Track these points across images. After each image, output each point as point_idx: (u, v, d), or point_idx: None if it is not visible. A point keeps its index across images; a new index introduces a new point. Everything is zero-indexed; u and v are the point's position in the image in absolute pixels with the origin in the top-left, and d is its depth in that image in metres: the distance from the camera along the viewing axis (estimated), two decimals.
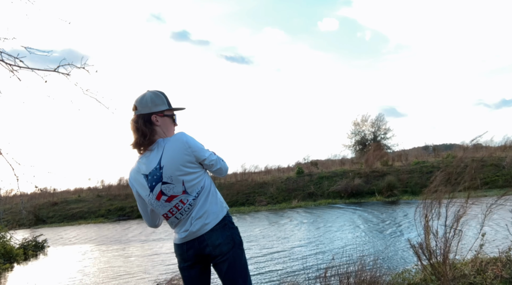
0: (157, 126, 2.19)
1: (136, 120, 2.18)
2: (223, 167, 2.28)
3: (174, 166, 2.10)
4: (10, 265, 10.32)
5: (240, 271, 2.17)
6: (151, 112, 2.19)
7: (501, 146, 21.70)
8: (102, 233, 15.46)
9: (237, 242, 2.20)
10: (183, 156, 2.09)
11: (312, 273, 6.10)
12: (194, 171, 2.15)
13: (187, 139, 2.13)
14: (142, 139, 2.15)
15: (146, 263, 9.00)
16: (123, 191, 23.40)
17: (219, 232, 2.14)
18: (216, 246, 2.14)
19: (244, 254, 2.25)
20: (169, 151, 2.11)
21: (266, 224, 13.26)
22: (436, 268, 3.87)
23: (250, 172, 23.88)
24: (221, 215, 2.19)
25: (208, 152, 2.20)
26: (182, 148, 2.10)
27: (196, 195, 2.16)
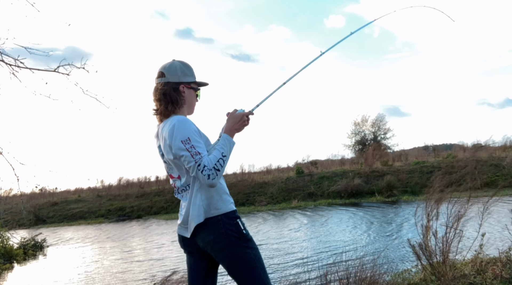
0: (183, 97, 2.09)
1: (163, 87, 2.05)
2: (199, 177, 1.88)
3: (166, 150, 2.00)
4: (10, 265, 10.32)
5: (244, 270, 1.96)
6: (179, 81, 2.08)
7: (501, 146, 21.70)
8: (102, 233, 15.46)
9: (233, 239, 1.95)
10: (167, 146, 1.97)
11: (312, 273, 6.10)
12: (181, 164, 1.98)
13: (172, 130, 1.93)
14: (171, 106, 2.03)
15: (145, 262, 9.00)
16: (123, 191, 23.39)
17: (209, 228, 1.97)
18: (207, 242, 1.99)
19: (250, 251, 1.98)
20: (162, 133, 2.02)
21: (266, 224, 13.26)
22: (436, 268, 3.88)
23: (250, 172, 23.89)
24: (205, 216, 1.98)
25: (185, 153, 1.87)
26: (165, 137, 1.97)
27: (187, 190, 2.04)
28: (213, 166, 1.87)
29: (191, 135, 1.91)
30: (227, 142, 2.00)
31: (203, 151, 1.91)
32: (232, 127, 2.07)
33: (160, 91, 2.05)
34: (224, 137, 2.02)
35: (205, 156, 1.89)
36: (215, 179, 1.87)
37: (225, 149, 1.97)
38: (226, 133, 2.04)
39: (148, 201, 20.96)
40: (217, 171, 1.88)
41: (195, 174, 1.88)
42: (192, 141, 1.89)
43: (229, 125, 2.08)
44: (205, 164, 1.86)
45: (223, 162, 1.92)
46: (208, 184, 1.88)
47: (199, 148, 1.89)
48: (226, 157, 1.95)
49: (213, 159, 1.89)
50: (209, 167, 1.86)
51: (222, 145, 1.98)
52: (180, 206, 2.14)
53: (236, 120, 2.09)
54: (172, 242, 11.46)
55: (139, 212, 20.11)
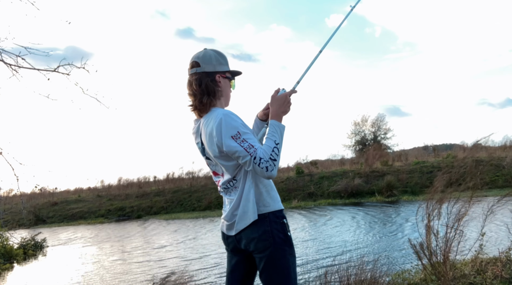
0: (220, 88, 1.96)
1: (199, 78, 1.91)
2: (257, 171, 1.78)
3: (210, 147, 1.88)
4: (10, 265, 10.32)
5: (278, 274, 1.85)
6: (215, 71, 1.94)
7: (501, 146, 21.70)
8: (101, 233, 15.46)
9: (278, 240, 1.85)
10: (212, 142, 1.85)
11: (312, 273, 6.10)
12: (228, 159, 1.88)
13: (219, 126, 1.79)
14: (207, 98, 1.90)
15: (144, 263, 9.00)
16: (123, 191, 23.40)
17: (255, 225, 1.88)
18: (251, 240, 1.89)
19: (289, 258, 1.88)
20: (205, 128, 1.89)
21: None
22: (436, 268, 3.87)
23: None
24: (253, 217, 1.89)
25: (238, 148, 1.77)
26: (211, 133, 1.84)
27: (233, 186, 1.94)
28: (269, 156, 1.76)
29: (240, 128, 1.79)
30: (277, 128, 1.86)
31: (256, 143, 1.79)
32: (278, 110, 1.92)
33: (196, 82, 1.92)
34: (273, 124, 1.88)
35: (259, 148, 1.78)
36: (274, 170, 1.76)
37: (276, 136, 1.83)
38: (273, 119, 1.90)
39: (148, 201, 20.96)
40: (274, 161, 1.77)
41: (252, 168, 1.77)
42: (242, 134, 1.77)
43: (274, 109, 1.93)
44: (261, 156, 1.75)
45: (278, 150, 1.80)
46: (267, 176, 1.77)
47: (251, 141, 1.77)
48: (280, 144, 1.83)
49: (268, 150, 1.78)
50: (265, 159, 1.75)
51: (272, 132, 1.85)
52: (224, 203, 2.05)
53: (281, 103, 1.94)
54: (172, 243, 11.47)
55: (139, 212, 20.11)
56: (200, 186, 21.86)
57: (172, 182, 23.83)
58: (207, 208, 19.33)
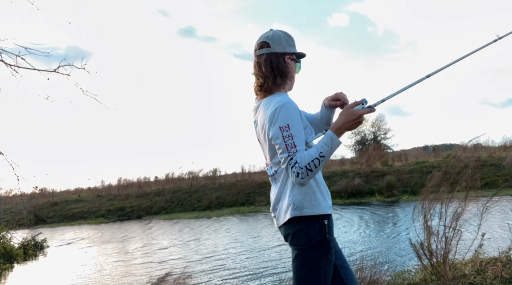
0: (289, 70, 1.86)
1: (269, 59, 1.81)
2: (288, 172, 1.70)
3: (261, 130, 1.83)
4: (10, 265, 10.32)
5: (305, 277, 1.76)
6: (284, 52, 1.84)
7: (501, 146, 21.70)
8: (101, 233, 15.46)
9: (313, 240, 1.74)
10: (263, 128, 1.78)
11: None
12: (274, 151, 1.79)
13: (273, 113, 1.70)
14: (280, 79, 1.82)
15: (144, 262, 9.00)
16: (123, 191, 23.40)
17: (291, 222, 1.80)
18: (286, 235, 1.85)
19: (324, 261, 1.76)
20: (263, 110, 1.80)
21: (266, 224, 13.25)
22: (436, 268, 3.88)
23: (250, 172, 23.87)
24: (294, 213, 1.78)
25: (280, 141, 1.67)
26: (265, 117, 1.75)
27: (274, 177, 1.89)
28: (305, 164, 1.63)
29: (292, 122, 1.68)
30: (330, 141, 1.69)
31: (300, 144, 1.67)
32: (343, 125, 1.73)
33: (266, 63, 1.81)
34: (329, 135, 1.70)
35: (301, 151, 1.66)
36: (305, 179, 1.64)
37: (325, 148, 1.67)
38: (333, 130, 1.72)
39: (148, 201, 20.96)
40: (309, 171, 1.63)
41: (285, 167, 1.69)
42: (291, 129, 1.66)
43: (340, 121, 1.74)
44: (297, 160, 1.64)
45: (319, 163, 1.64)
46: (297, 182, 1.67)
47: (296, 140, 1.66)
48: (324, 158, 1.66)
49: (308, 157, 1.64)
50: (301, 165, 1.63)
51: (323, 143, 1.69)
52: (272, 190, 2.00)
53: (351, 118, 1.73)
54: (176, 244, 11.47)
55: (139, 212, 20.11)
56: (200, 186, 21.86)
57: (172, 182, 23.83)
58: (207, 208, 19.33)
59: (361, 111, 1.74)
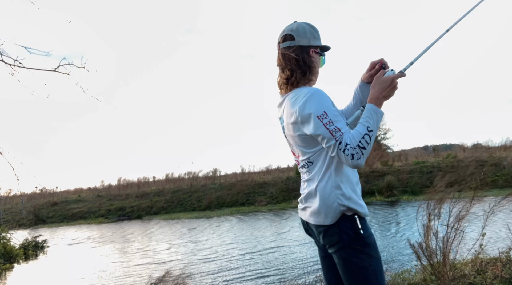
0: (314, 63, 1.79)
1: (294, 52, 1.75)
2: (342, 157, 1.59)
3: (290, 124, 1.73)
4: (10, 265, 10.32)
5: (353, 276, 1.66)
6: (309, 45, 1.77)
7: (501, 146, 21.71)
8: (101, 233, 15.46)
9: (345, 237, 1.66)
10: (295, 121, 1.68)
11: (311, 274, 6.10)
12: (307, 142, 1.71)
13: (304, 104, 1.63)
14: (309, 73, 1.76)
15: (144, 263, 9.00)
16: (123, 191, 23.41)
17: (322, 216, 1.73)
18: (318, 233, 1.74)
19: (364, 257, 1.65)
20: (289, 105, 1.72)
21: (266, 224, 13.25)
22: (436, 268, 3.87)
23: (250, 172, 23.88)
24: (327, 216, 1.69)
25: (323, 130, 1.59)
26: (294, 110, 1.67)
27: (307, 170, 1.78)
28: (357, 144, 1.56)
29: (328, 108, 1.61)
30: (373, 113, 1.64)
31: (343, 126, 1.60)
32: (380, 95, 1.68)
33: (291, 56, 1.75)
34: (369, 108, 1.66)
35: (347, 132, 1.59)
36: (361, 158, 1.56)
37: (370, 122, 1.61)
38: (371, 103, 1.68)
39: (148, 201, 20.96)
40: (362, 149, 1.56)
41: (336, 154, 1.59)
42: (330, 115, 1.59)
43: (375, 92, 1.70)
44: (347, 141, 1.56)
45: (369, 138, 1.58)
46: (353, 165, 1.57)
47: (338, 123, 1.59)
48: (373, 132, 1.60)
49: (357, 136, 1.58)
50: (353, 145, 1.55)
51: (367, 117, 1.63)
52: (301, 186, 1.88)
53: (385, 86, 1.69)
54: (173, 244, 11.46)
55: (139, 212, 20.11)
56: (200, 186, 21.86)
57: (172, 182, 23.85)
58: (207, 208, 19.33)
59: (393, 76, 1.71)
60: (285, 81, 1.78)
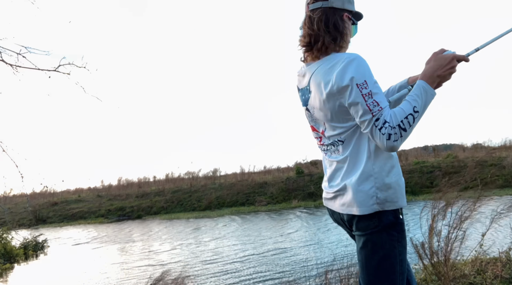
0: (347, 29, 1.57)
1: (325, 14, 1.52)
2: (376, 136, 1.38)
3: (318, 97, 1.51)
4: (10, 265, 10.33)
5: (378, 262, 1.48)
6: (343, 8, 1.55)
7: (501, 146, 21.72)
8: (102, 233, 15.46)
9: (385, 222, 1.46)
10: (330, 91, 1.44)
11: (312, 273, 6.10)
12: (340, 116, 1.48)
13: (342, 71, 1.40)
14: (340, 39, 1.53)
15: (145, 265, 9.00)
16: (123, 191, 23.41)
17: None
18: (352, 217, 1.53)
19: (397, 245, 1.48)
20: (319, 75, 1.50)
21: (266, 224, 13.25)
22: (437, 268, 3.88)
23: (250, 172, 23.90)
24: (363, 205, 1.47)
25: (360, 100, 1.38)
26: (328, 80, 1.44)
27: (336, 148, 1.56)
28: (398, 123, 1.35)
29: (369, 78, 1.39)
30: (424, 92, 1.41)
31: (384, 100, 1.39)
32: (435, 73, 1.45)
33: (320, 19, 1.52)
34: (420, 85, 1.43)
35: (387, 108, 1.38)
36: (398, 141, 1.34)
37: (419, 102, 1.39)
38: (423, 80, 1.45)
39: (148, 201, 20.97)
40: (403, 130, 1.34)
41: (370, 131, 1.38)
42: (370, 86, 1.38)
43: (430, 68, 1.47)
44: (386, 119, 1.35)
45: (413, 120, 1.36)
46: (387, 147, 1.36)
47: (378, 97, 1.37)
48: (419, 114, 1.38)
49: (400, 114, 1.36)
50: (392, 124, 1.34)
51: (415, 95, 1.41)
52: (324, 166, 1.69)
53: (443, 63, 1.46)
54: (174, 245, 11.46)
55: (139, 212, 20.12)
56: (200, 186, 21.87)
57: (172, 182, 23.86)
58: (207, 208, 19.34)
59: (453, 55, 1.48)
60: (311, 48, 1.56)
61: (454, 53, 1.49)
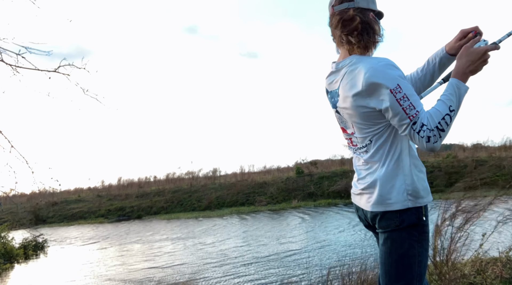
0: (377, 27, 1.56)
1: (355, 13, 1.51)
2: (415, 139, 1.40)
3: (347, 100, 1.51)
4: (10, 265, 10.33)
5: (396, 261, 1.51)
6: (369, 8, 1.54)
7: (501, 146, 21.72)
8: (101, 233, 15.46)
9: (407, 222, 1.48)
10: (360, 94, 1.45)
11: (313, 273, 6.10)
12: (371, 120, 1.49)
13: (374, 75, 1.40)
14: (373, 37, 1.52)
15: (144, 262, 9.00)
16: (123, 191, 23.41)
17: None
18: (374, 215, 1.56)
19: (417, 246, 1.50)
20: (349, 76, 1.50)
21: (267, 224, 13.25)
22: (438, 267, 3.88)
23: (250, 172, 23.90)
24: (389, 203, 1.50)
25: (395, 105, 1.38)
26: (357, 82, 1.45)
27: (366, 149, 1.57)
28: (436, 125, 1.37)
29: (402, 81, 1.39)
30: (457, 90, 1.43)
31: (419, 103, 1.40)
32: (466, 69, 1.46)
33: (354, 18, 1.51)
34: (453, 83, 1.44)
35: (422, 110, 1.39)
36: (437, 142, 1.37)
37: (453, 101, 1.41)
38: (456, 77, 1.46)
39: (148, 201, 20.97)
40: (441, 131, 1.37)
41: (408, 134, 1.40)
42: (404, 89, 1.38)
43: (461, 64, 1.47)
44: (424, 122, 1.37)
45: (450, 119, 1.39)
46: (428, 149, 1.39)
47: (413, 99, 1.38)
48: (454, 113, 1.40)
49: (436, 116, 1.38)
50: (430, 127, 1.36)
51: (449, 95, 1.42)
52: (354, 165, 1.71)
53: (474, 58, 1.47)
54: (175, 247, 11.46)
55: (139, 212, 20.12)
56: (200, 186, 21.88)
57: (172, 182, 23.86)
58: (207, 208, 19.34)
59: (485, 47, 1.47)
60: (341, 44, 1.57)
61: (486, 45, 1.48)
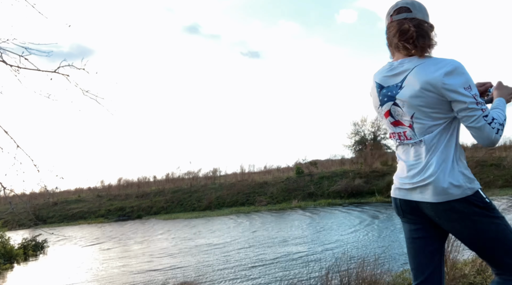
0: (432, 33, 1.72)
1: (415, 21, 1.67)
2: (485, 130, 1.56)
3: (413, 93, 1.63)
4: (10, 265, 10.33)
5: (493, 243, 1.63)
6: (424, 20, 1.70)
7: (501, 146, 21.72)
8: (101, 233, 15.46)
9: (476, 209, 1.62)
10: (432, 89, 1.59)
11: (313, 273, 6.10)
12: (434, 111, 1.63)
13: (451, 72, 1.57)
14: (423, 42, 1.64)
15: (144, 262, 9.00)
16: (123, 191, 23.40)
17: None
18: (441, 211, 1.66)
19: (498, 221, 1.63)
20: (420, 74, 1.63)
21: (267, 224, 13.25)
22: None
23: (250, 172, 23.90)
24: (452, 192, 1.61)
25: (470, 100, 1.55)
26: (431, 78, 1.58)
27: (423, 142, 1.67)
28: (502, 122, 1.59)
29: (472, 83, 1.59)
30: (505, 105, 1.70)
31: (484, 103, 1.61)
32: (508, 95, 1.78)
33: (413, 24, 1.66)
34: (500, 100, 1.72)
35: (488, 109, 1.60)
36: (499, 138, 1.57)
37: (505, 110, 1.67)
38: (502, 97, 1.75)
39: (148, 201, 20.97)
40: (503, 128, 1.59)
41: (477, 124, 1.54)
42: (473, 89, 1.58)
43: (505, 90, 1.78)
44: (494, 116, 1.57)
45: (505, 122, 1.62)
46: (493, 140, 1.56)
47: (481, 99, 1.59)
48: (506, 121, 1.64)
49: (501, 115, 1.62)
50: (500, 121, 1.58)
51: (502, 106, 1.69)
52: (403, 159, 1.78)
53: (509, 92, 1.78)
54: (177, 248, 11.46)
55: (139, 212, 20.13)
56: (200, 186, 21.87)
57: (172, 182, 23.85)
58: (207, 208, 19.34)
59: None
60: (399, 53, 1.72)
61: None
